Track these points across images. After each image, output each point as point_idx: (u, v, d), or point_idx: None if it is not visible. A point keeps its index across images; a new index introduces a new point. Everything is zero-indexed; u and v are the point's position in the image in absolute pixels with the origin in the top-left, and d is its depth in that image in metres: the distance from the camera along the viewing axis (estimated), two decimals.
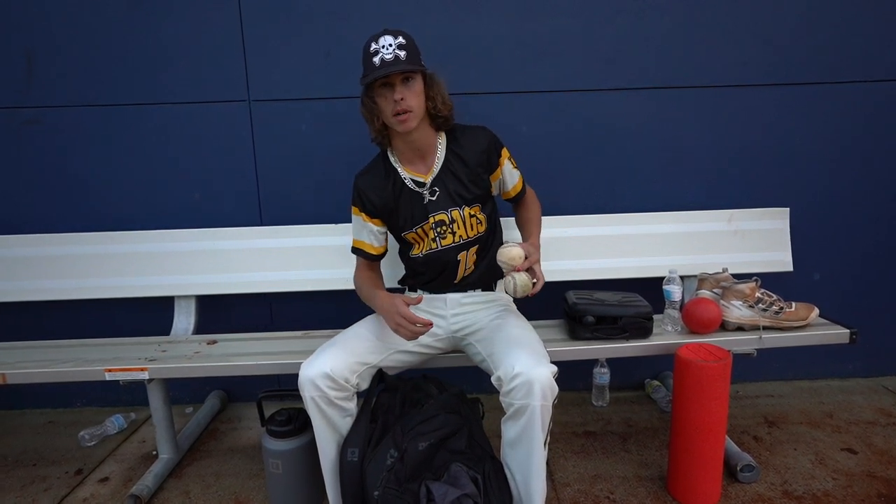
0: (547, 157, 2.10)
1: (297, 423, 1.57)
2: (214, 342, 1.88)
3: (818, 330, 1.76)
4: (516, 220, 1.74)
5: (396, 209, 1.56)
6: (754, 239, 2.07)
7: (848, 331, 1.74)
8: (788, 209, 2.09)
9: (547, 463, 1.43)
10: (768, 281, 1.94)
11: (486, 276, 1.64)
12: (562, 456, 1.88)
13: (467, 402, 1.55)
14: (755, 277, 1.76)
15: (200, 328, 2.06)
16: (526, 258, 1.39)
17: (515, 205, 1.73)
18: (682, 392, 1.56)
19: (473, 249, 1.58)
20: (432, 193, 1.53)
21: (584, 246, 2.03)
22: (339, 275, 2.00)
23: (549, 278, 2.00)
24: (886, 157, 2.17)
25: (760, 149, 2.14)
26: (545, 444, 1.31)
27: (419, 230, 1.56)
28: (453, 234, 1.56)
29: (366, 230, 1.60)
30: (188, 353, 1.79)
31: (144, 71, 2.03)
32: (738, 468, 1.70)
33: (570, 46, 2.04)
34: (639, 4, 2.02)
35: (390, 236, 1.66)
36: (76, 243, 2.03)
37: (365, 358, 1.43)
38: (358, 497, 1.37)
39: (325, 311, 2.04)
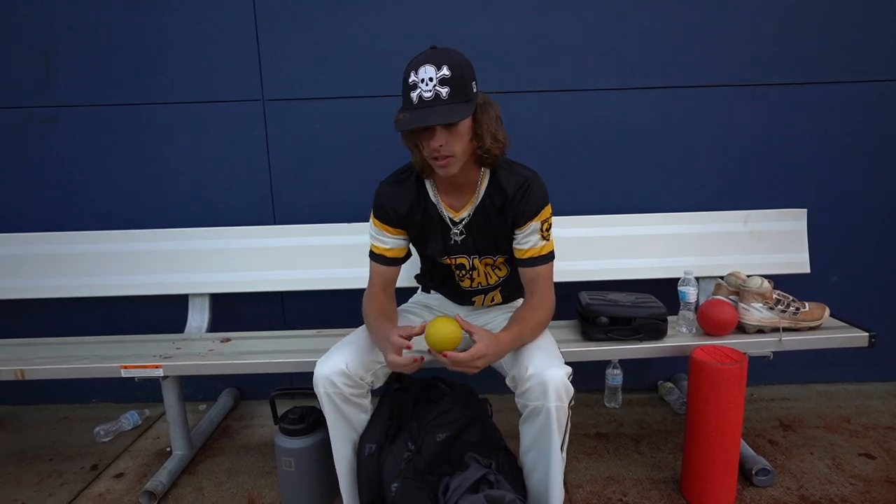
0: (560, 157, 2.09)
1: (310, 421, 1.58)
2: (228, 340, 1.90)
3: (837, 333, 1.73)
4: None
5: (422, 234, 1.45)
6: (771, 240, 2.04)
7: (867, 334, 1.71)
8: (806, 210, 2.06)
9: None
10: (785, 283, 1.92)
11: (506, 298, 1.63)
12: (574, 457, 1.87)
13: (477, 399, 1.57)
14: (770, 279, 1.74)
15: (214, 326, 2.08)
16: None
17: (524, 281, 1.44)
18: (697, 394, 1.54)
19: (494, 292, 1.57)
20: (460, 234, 1.43)
21: (597, 246, 2.01)
22: (353, 274, 2.01)
23: (562, 279, 1.99)
24: None
25: (778, 149, 2.11)
26: (563, 446, 1.29)
27: (442, 259, 1.50)
28: (472, 279, 1.53)
29: (385, 236, 1.45)
30: (202, 350, 1.81)
31: (160, 71, 2.04)
32: (754, 472, 1.69)
33: (582, 44, 2.03)
34: (652, 2, 2.00)
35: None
36: (93, 241, 2.06)
37: (379, 356, 1.42)
38: (374, 492, 1.38)
39: (338, 310, 2.04)
